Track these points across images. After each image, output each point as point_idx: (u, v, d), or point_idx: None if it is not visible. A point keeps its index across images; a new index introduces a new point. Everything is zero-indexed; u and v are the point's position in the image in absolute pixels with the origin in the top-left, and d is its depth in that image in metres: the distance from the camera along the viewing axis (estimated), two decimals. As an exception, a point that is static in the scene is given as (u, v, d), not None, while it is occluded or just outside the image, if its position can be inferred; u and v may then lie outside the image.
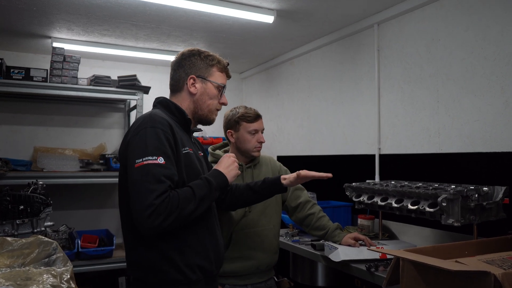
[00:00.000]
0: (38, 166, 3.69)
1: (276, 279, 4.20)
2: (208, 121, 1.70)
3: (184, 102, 1.65)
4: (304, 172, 1.82)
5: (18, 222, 2.60)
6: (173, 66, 1.68)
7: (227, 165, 1.57)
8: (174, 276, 1.48)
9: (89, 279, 3.74)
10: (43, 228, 2.69)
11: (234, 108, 2.27)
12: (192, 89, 1.63)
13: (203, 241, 1.55)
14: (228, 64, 1.73)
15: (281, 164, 2.44)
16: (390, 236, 2.79)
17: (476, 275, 1.33)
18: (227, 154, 1.62)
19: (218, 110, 1.71)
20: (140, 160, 1.40)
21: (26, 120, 4.01)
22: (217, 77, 1.67)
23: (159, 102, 1.66)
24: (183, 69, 1.64)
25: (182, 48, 3.91)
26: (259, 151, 2.24)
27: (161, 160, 1.40)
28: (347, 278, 2.70)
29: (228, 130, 2.25)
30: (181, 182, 1.48)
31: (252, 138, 2.21)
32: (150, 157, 1.40)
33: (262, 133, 2.25)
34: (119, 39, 3.65)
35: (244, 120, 2.20)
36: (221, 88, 1.68)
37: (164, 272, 1.48)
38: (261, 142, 2.23)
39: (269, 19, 2.96)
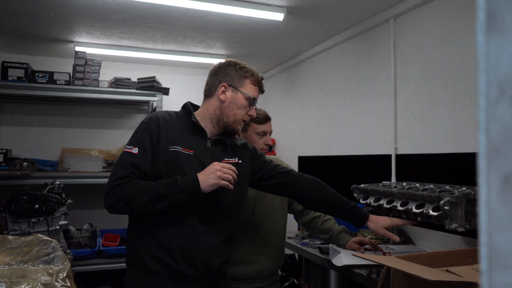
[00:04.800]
0: (64, 167, 3.82)
1: (296, 282, 4.10)
2: (233, 130, 1.72)
3: (211, 108, 1.70)
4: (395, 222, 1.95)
5: (33, 221, 2.70)
6: (210, 73, 1.75)
7: (208, 172, 1.53)
8: (135, 260, 1.58)
9: (110, 277, 3.82)
10: (57, 227, 2.78)
11: None
12: (222, 96, 1.68)
13: (168, 237, 1.56)
14: (262, 79, 1.77)
15: (288, 165, 2.37)
16: (406, 240, 2.65)
17: (463, 286, 1.22)
18: (216, 162, 1.56)
19: (244, 121, 1.74)
20: (124, 148, 1.59)
21: (53, 122, 4.17)
22: (248, 89, 1.71)
23: (183, 106, 1.77)
24: (217, 77, 1.71)
25: (200, 49, 3.96)
26: (264, 153, 2.18)
27: (135, 150, 1.54)
28: (360, 283, 2.58)
29: None
30: (156, 174, 1.56)
31: (259, 140, 2.15)
32: (128, 146, 1.56)
33: (270, 135, 2.20)
34: (137, 41, 3.71)
35: (253, 121, 2.12)
36: (251, 100, 1.71)
37: (128, 255, 1.62)
38: (268, 145, 2.17)
39: (279, 16, 2.89)
